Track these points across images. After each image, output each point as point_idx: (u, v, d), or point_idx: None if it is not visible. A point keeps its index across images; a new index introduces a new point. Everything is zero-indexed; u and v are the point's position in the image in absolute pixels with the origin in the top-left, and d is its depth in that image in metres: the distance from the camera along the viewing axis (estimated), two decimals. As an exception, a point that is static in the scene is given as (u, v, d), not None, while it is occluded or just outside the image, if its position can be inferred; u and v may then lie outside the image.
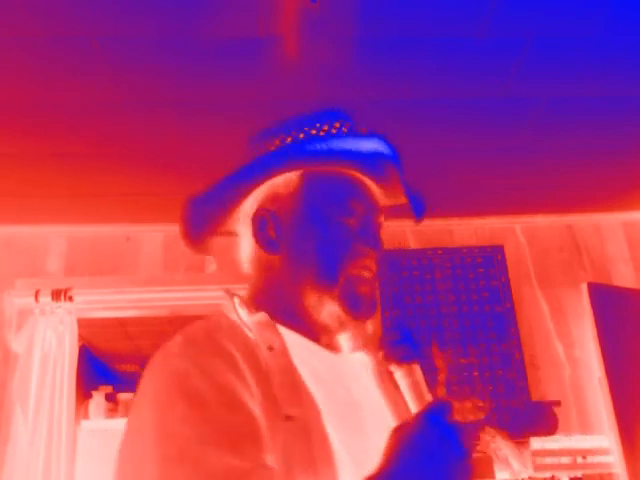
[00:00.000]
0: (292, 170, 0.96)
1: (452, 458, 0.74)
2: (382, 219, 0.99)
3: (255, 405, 0.77)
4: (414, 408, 0.84)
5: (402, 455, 0.74)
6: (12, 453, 2.46)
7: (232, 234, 1.05)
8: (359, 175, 0.97)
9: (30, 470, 2.41)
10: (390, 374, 0.92)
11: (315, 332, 0.94)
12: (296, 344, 0.89)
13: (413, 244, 2.95)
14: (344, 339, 1.02)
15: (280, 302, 0.94)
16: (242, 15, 1.71)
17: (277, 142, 0.98)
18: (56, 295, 2.64)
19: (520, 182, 2.72)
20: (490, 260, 2.92)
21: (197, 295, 2.76)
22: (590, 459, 2.38)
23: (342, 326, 0.93)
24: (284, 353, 0.85)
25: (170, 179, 2.53)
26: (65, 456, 2.48)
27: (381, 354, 0.85)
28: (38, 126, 2.15)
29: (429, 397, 0.84)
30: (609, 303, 2.77)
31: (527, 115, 2.23)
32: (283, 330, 0.90)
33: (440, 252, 2.92)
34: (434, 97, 2.11)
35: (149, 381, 0.81)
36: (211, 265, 2.84)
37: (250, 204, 0.99)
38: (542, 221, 3.04)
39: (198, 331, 0.86)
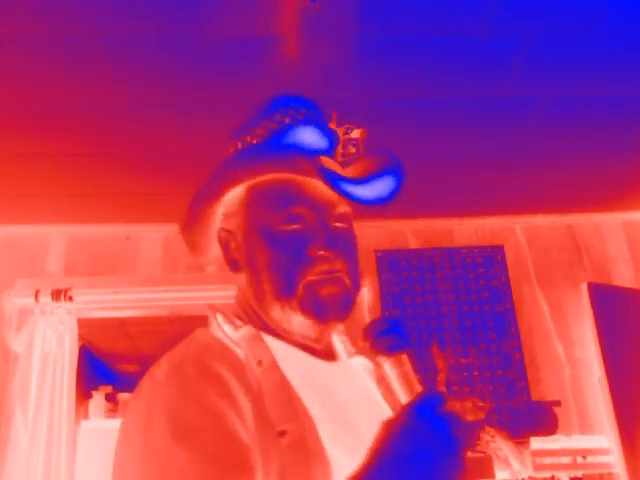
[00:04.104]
0: (237, 185, 0.93)
1: (439, 451, 0.70)
2: (343, 209, 0.92)
3: (247, 428, 0.75)
4: (404, 400, 0.81)
5: (385, 449, 0.71)
6: (12, 453, 2.46)
7: None
8: (301, 176, 0.90)
9: (30, 470, 2.40)
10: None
11: (303, 342, 0.91)
12: (286, 355, 0.86)
13: (413, 244, 2.95)
14: (340, 345, 0.99)
15: (259, 316, 0.92)
16: (242, 15, 1.71)
17: (226, 153, 0.97)
18: (56, 295, 2.64)
19: (520, 182, 2.72)
20: (490, 260, 2.92)
21: (197, 295, 2.76)
22: (590, 459, 2.38)
23: (318, 332, 0.89)
24: (274, 366, 0.83)
25: (170, 179, 2.53)
26: (65, 456, 2.47)
27: (367, 345, 0.83)
28: (38, 126, 2.15)
29: (419, 388, 0.81)
30: (609, 303, 2.77)
31: (527, 115, 2.23)
32: (274, 342, 0.88)
33: (440, 252, 2.92)
34: (434, 97, 2.11)
35: (136, 410, 0.79)
36: (211, 265, 2.83)
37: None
38: (542, 221, 3.04)
39: (184, 355, 0.84)
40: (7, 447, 2.48)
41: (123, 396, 4.45)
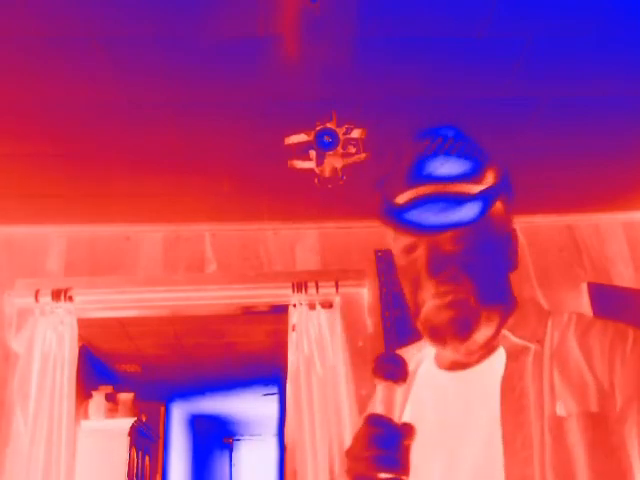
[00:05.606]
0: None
1: None
2: (450, 232, 0.93)
3: None
4: None
5: None
6: (12, 453, 2.46)
7: None
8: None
9: (30, 470, 2.40)
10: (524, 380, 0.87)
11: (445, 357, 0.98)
12: (427, 382, 0.98)
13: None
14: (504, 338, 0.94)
15: None
16: (242, 15, 1.71)
17: None
18: (56, 295, 2.64)
19: (520, 182, 2.70)
20: (490, 260, 2.92)
21: (197, 295, 2.76)
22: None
23: (451, 351, 0.94)
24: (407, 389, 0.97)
25: (170, 179, 2.53)
26: (65, 456, 2.47)
27: (372, 368, 0.84)
28: (38, 126, 2.15)
29: (397, 416, 0.82)
30: (609, 303, 2.77)
31: (527, 115, 2.23)
32: (433, 371, 1.00)
33: (440, 252, 2.91)
34: (434, 97, 2.11)
35: None
36: (211, 265, 2.84)
37: None
38: (542, 221, 3.04)
39: None
40: (7, 447, 2.48)
41: (123, 396, 4.46)
